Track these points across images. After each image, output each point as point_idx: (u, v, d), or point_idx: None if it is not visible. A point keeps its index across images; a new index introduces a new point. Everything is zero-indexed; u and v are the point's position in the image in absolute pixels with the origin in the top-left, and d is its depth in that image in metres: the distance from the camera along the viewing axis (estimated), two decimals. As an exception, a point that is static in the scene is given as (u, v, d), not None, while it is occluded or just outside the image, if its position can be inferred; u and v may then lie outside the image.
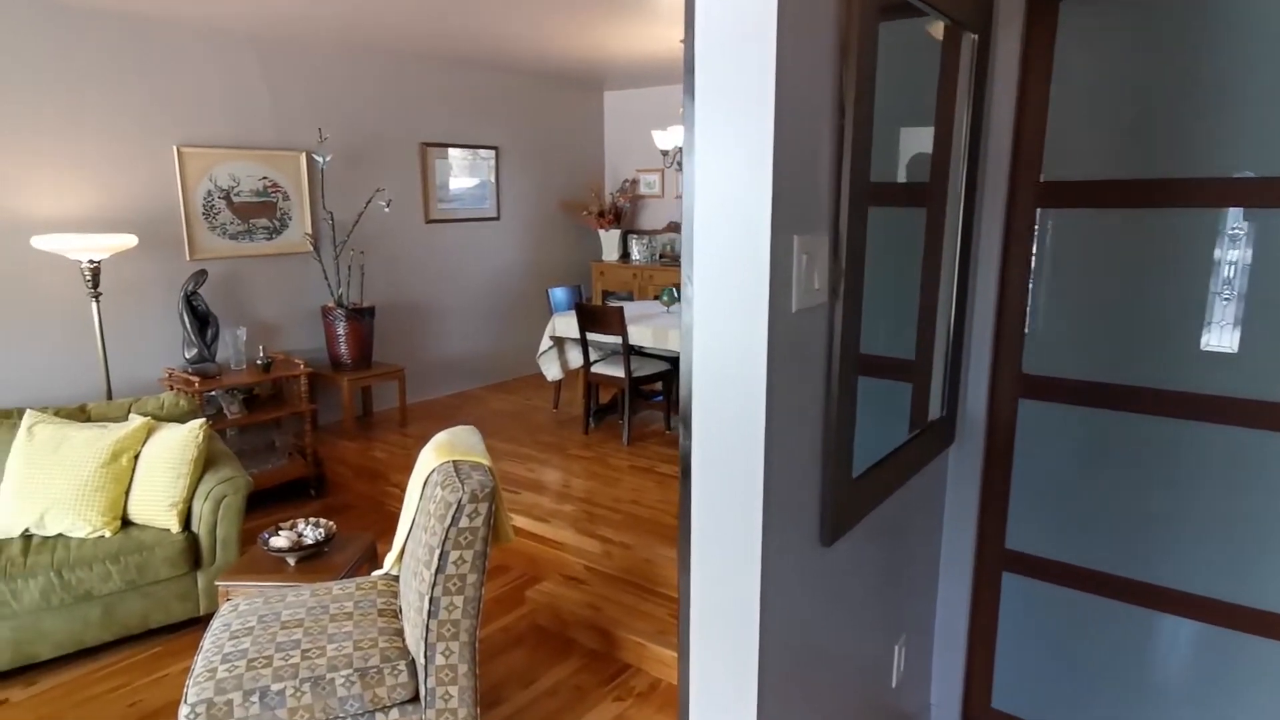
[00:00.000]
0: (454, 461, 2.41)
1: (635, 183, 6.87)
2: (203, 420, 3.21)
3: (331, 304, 4.88)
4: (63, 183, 3.83)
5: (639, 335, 4.60)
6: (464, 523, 2.19)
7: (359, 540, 3.10)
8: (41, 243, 3.51)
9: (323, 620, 2.39)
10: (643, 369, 4.75)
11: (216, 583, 2.79)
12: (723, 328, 1.23)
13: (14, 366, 3.77)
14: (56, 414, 3.30)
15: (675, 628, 2.98)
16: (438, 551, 2.18)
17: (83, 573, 2.86)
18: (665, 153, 4.80)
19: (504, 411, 5.47)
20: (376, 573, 2.72)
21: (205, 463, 3.28)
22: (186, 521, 3.14)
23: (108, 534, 3.02)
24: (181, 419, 3.48)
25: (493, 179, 6.03)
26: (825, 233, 1.29)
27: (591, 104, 6.83)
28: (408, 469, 4.30)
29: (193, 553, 3.09)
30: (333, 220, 4.90)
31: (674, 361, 4.94)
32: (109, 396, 3.83)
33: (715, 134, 1.18)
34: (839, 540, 1.43)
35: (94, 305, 3.73)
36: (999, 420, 1.94)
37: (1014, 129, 1.86)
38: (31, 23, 3.67)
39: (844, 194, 1.26)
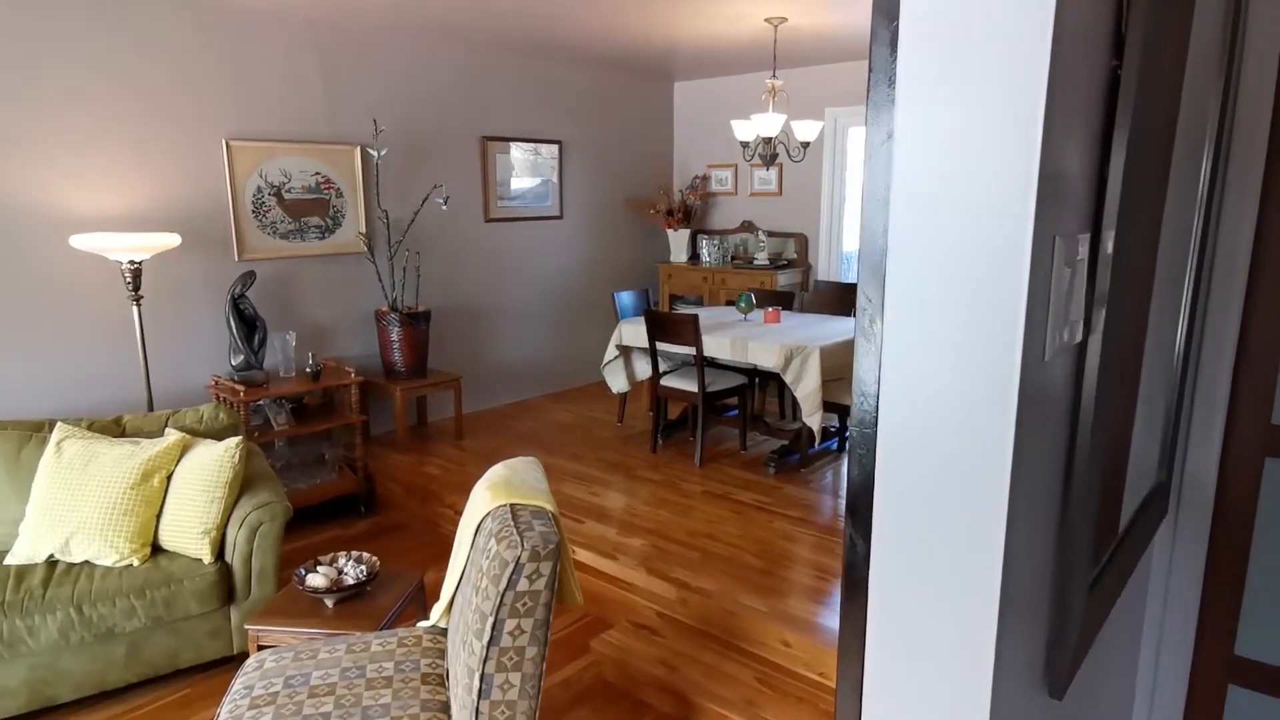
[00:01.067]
0: (512, 505, 2.03)
1: (706, 179, 6.44)
2: (239, 439, 2.91)
3: (385, 308, 4.59)
4: (104, 179, 3.61)
5: (715, 347, 4.17)
6: (523, 585, 1.80)
7: (405, 579, 2.76)
8: (80, 242, 3.28)
9: (358, 687, 2.04)
10: (718, 383, 4.32)
11: (246, 626, 2.48)
12: (942, 377, 0.80)
13: (51, 374, 3.56)
14: (89, 428, 3.05)
15: (766, 697, 2.54)
16: (491, 620, 1.80)
17: (105, 609, 2.58)
18: (746, 144, 4.36)
19: (565, 424, 5.10)
20: (422, 624, 2.37)
21: (242, 485, 2.99)
22: (221, 550, 2.84)
23: (136, 562, 2.74)
24: (221, 434, 3.20)
25: (556, 176, 5.68)
26: (1086, 237, 0.85)
27: (660, 95, 6.43)
28: (463, 489, 3.96)
29: (226, 586, 2.79)
30: (388, 219, 4.61)
31: (750, 374, 4.50)
32: (150, 407, 3.59)
33: (942, 95, 0.76)
34: (1070, 684, 0.99)
35: (135, 309, 3.49)
36: (1234, 486, 1.46)
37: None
38: (72, 10, 3.44)
39: (1119, 178, 0.82)
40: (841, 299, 5.23)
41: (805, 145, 4.30)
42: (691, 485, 4.03)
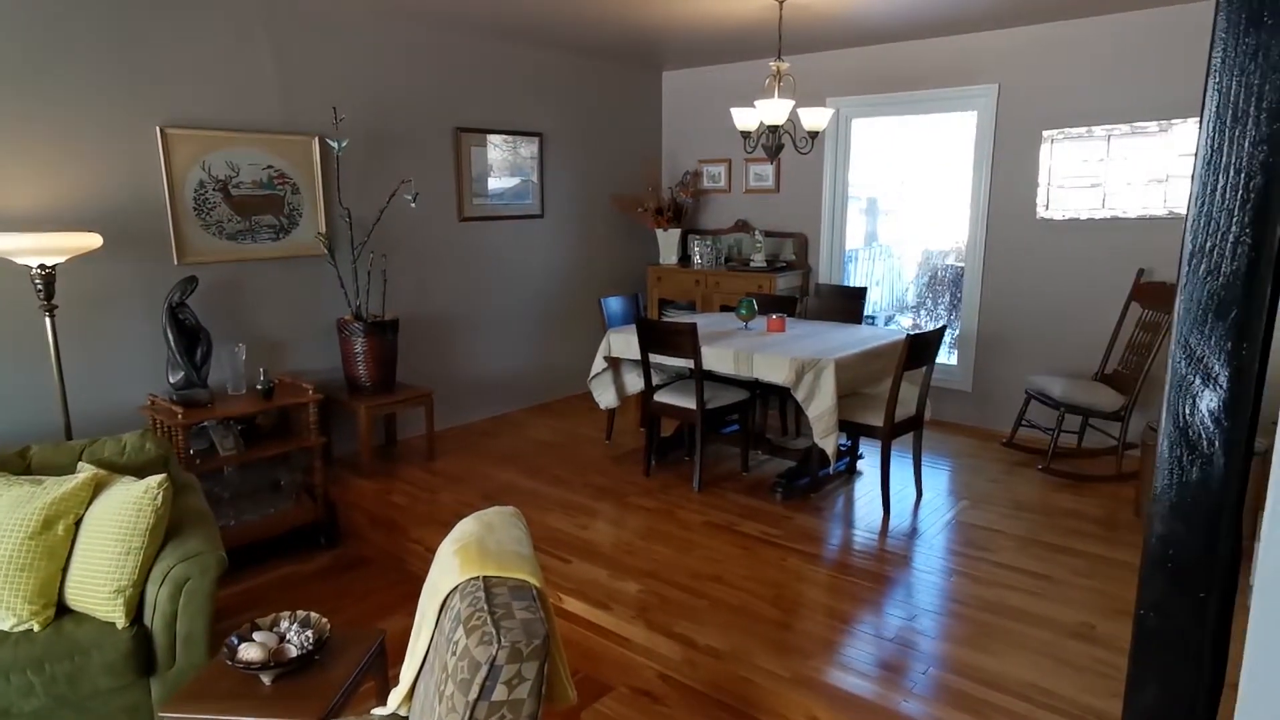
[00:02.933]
0: (485, 579, 1.60)
1: (697, 175, 6.03)
2: (161, 477, 2.45)
3: (348, 316, 4.13)
4: (17, 170, 3.13)
5: (716, 359, 3.76)
6: (499, 694, 1.38)
7: (363, 642, 2.31)
8: (-18, 243, 2.80)
9: (290, 811, 1.60)
10: (718, 399, 3.91)
11: (159, 715, 2.03)
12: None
13: (-47, 396, 3.07)
14: (-13, 462, 2.58)
15: (793, 789, 2.13)
16: (459, 741, 1.37)
17: (-9, 690, 2.12)
18: (747, 135, 3.96)
19: (548, 442, 4.66)
20: (378, 712, 1.93)
21: (169, 531, 2.52)
22: (139, 612, 2.38)
23: (36, 627, 2.28)
24: (148, 468, 2.74)
25: (536, 171, 5.25)
26: None
27: (648, 85, 6.01)
28: (433, 521, 3.53)
29: (144, 655, 2.34)
30: (350, 218, 4.15)
31: (752, 387, 4.09)
32: (67, 434, 3.11)
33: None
34: None
35: (47, 320, 3.01)
36: None
37: None
38: (-24, -29, 2.96)
39: None
40: (847, 304, 4.84)
41: (813, 135, 3.90)
42: (691, 514, 3.61)
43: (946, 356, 5.28)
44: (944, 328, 3.75)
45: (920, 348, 3.51)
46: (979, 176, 4.79)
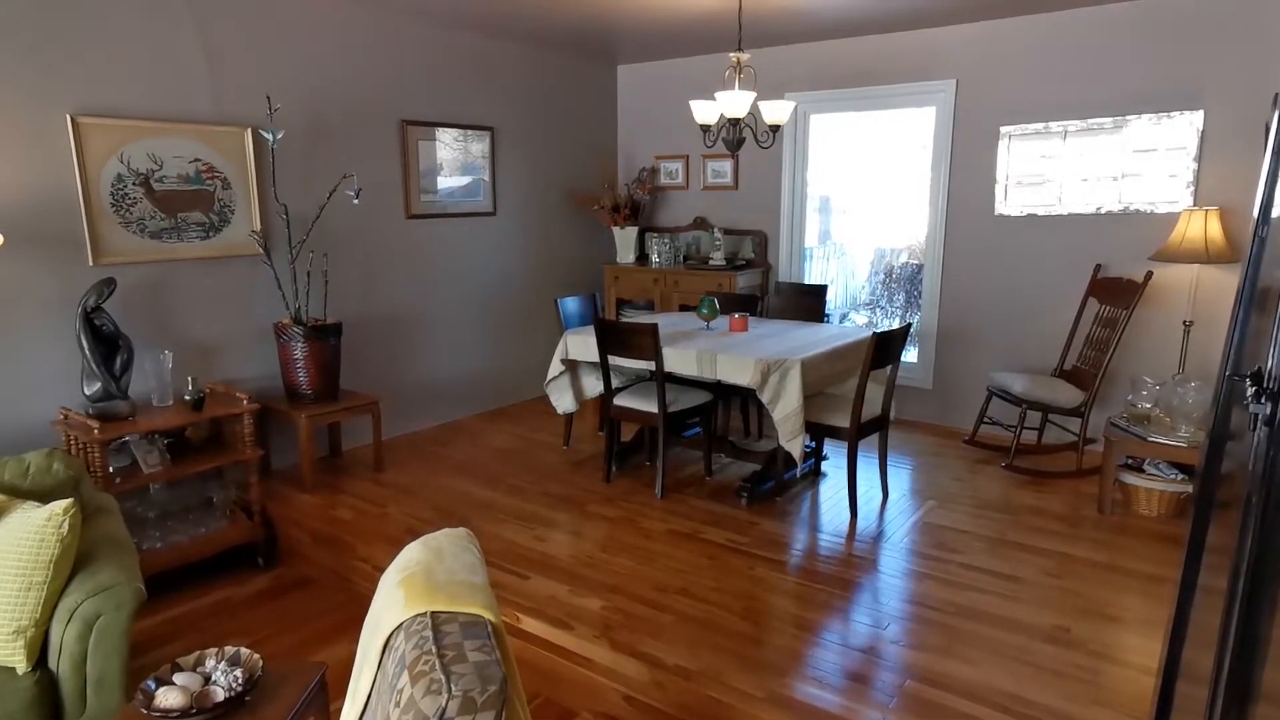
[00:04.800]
0: (433, 615, 1.42)
1: (654, 172, 5.89)
2: (68, 501, 2.20)
3: (287, 320, 3.88)
4: (-97, 161, 2.82)
5: (679, 361, 3.61)
6: (451, 752, 1.20)
7: (299, 679, 2.10)
8: None
9: None
10: (680, 401, 3.77)
11: (65, 774, 1.79)
12: None
13: None
14: None
15: (772, 822, 2.00)
16: (403, 810, 1.19)
17: None
18: (706, 129, 3.82)
19: (503, 449, 4.47)
20: (315, 762, 1.73)
21: (77, 561, 2.27)
22: (43, 654, 2.13)
23: (-78, 676, 2.02)
24: (55, 491, 2.48)
25: (488, 167, 5.04)
26: None
27: (603, 78, 5.84)
28: (381, 537, 3.31)
29: (49, 702, 2.09)
30: (287, 215, 3.89)
31: (714, 389, 3.96)
32: (-33, 453, 2.82)
33: None
34: None
35: (-57, 329, 2.72)
36: None
37: None
38: None
39: None
40: (808, 302, 4.75)
41: (774, 129, 3.78)
42: (653, 523, 3.46)
43: (907, 354, 5.24)
44: (909, 326, 3.67)
45: (886, 346, 3.42)
46: (938, 172, 4.75)
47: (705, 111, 3.81)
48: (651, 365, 3.59)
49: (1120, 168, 4.19)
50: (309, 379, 3.85)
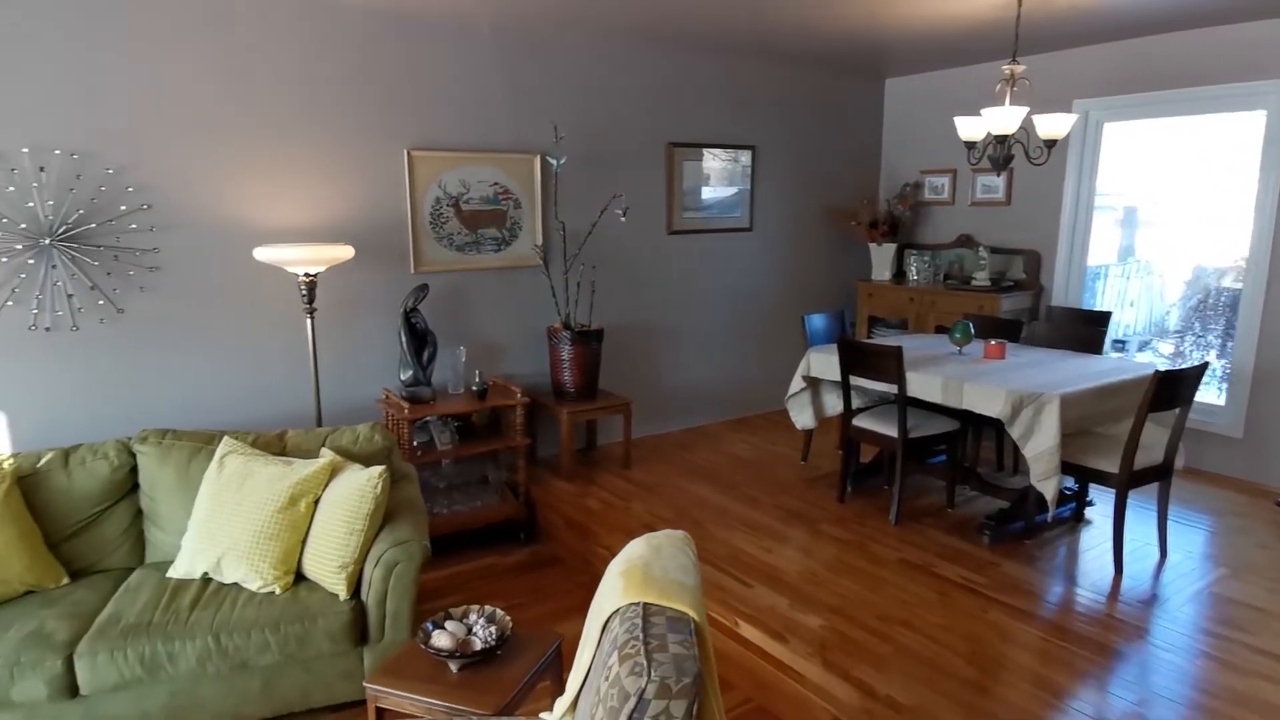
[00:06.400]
0: (645, 606, 1.60)
1: (918, 187, 5.68)
2: (381, 469, 2.73)
3: (558, 325, 4.36)
4: (288, 191, 3.64)
5: (922, 386, 3.50)
6: (647, 728, 1.36)
7: (540, 644, 2.42)
8: (262, 254, 3.29)
9: (457, 800, 1.71)
10: (923, 427, 3.65)
11: (365, 684, 2.25)
12: None
13: (229, 384, 3.63)
14: (253, 443, 3.02)
15: None
16: (604, 769, 1.37)
17: (240, 640, 2.47)
18: (972, 145, 3.65)
19: (743, 458, 4.61)
20: (546, 717, 2.00)
21: (386, 516, 2.81)
22: (358, 587, 2.67)
23: (278, 590, 2.64)
24: (375, 457, 3.07)
25: (747, 184, 5.22)
26: None
27: (869, 93, 5.76)
28: (622, 530, 3.62)
29: (359, 626, 2.61)
30: (564, 231, 4.38)
31: (964, 417, 3.76)
32: (318, 421, 3.57)
33: None
34: None
35: (308, 321, 3.47)
36: None
37: None
38: (269, 23, 3.49)
39: None
40: (1084, 330, 4.30)
41: (1049, 144, 3.51)
42: (885, 549, 3.40)
43: (1213, 395, 4.53)
44: (1204, 365, 3.21)
45: (1171, 387, 3.03)
46: (1266, 183, 4.06)
47: (971, 128, 3.64)
48: (894, 388, 3.52)
49: None
50: (572, 378, 4.30)
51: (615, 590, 1.69)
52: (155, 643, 2.40)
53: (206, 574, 2.71)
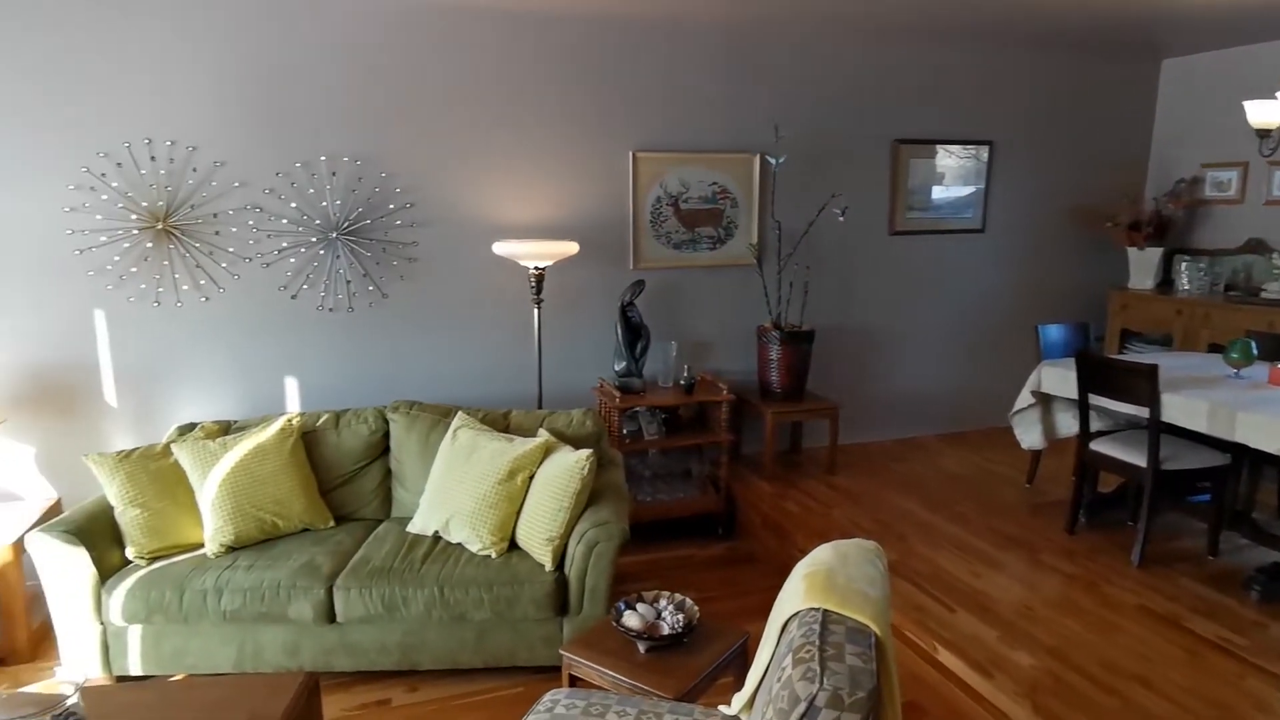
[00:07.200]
0: (825, 612, 1.57)
1: (1196, 183, 4.94)
2: (588, 452, 2.91)
3: (768, 324, 4.35)
4: (523, 191, 3.97)
5: (1183, 411, 3.07)
6: (816, 736, 1.35)
7: (726, 638, 2.46)
8: (499, 248, 3.63)
9: (633, 772, 1.79)
10: (1180, 459, 3.19)
11: (560, 651, 2.42)
12: None
13: (467, 364, 4.03)
14: (482, 419, 3.35)
15: None
16: (769, 769, 1.38)
17: (459, 594, 2.76)
18: (1265, 134, 3.11)
19: (956, 475, 4.32)
20: (723, 709, 2.03)
21: (591, 497, 2.99)
22: (561, 560, 2.87)
23: (494, 555, 2.91)
24: (585, 440, 3.27)
25: (981, 182, 4.85)
26: None
27: (1138, 77, 5.10)
28: (819, 535, 3.55)
29: (561, 597, 2.81)
30: (780, 230, 4.36)
31: (1237, 450, 3.24)
32: (539, 404, 3.87)
33: None
34: None
35: (535, 311, 3.77)
36: None
37: None
38: (504, 32, 3.82)
39: None
40: None
41: (1374, 132, 2.91)
42: (1122, 592, 3.02)
43: None
44: None
45: None
46: None
47: (1265, 112, 3.11)
48: (1145, 411, 3.11)
49: None
50: (779, 379, 4.27)
51: (797, 593, 1.68)
52: (394, 586, 2.75)
53: (437, 532, 3.06)
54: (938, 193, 4.78)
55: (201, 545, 2.97)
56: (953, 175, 4.79)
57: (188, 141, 3.46)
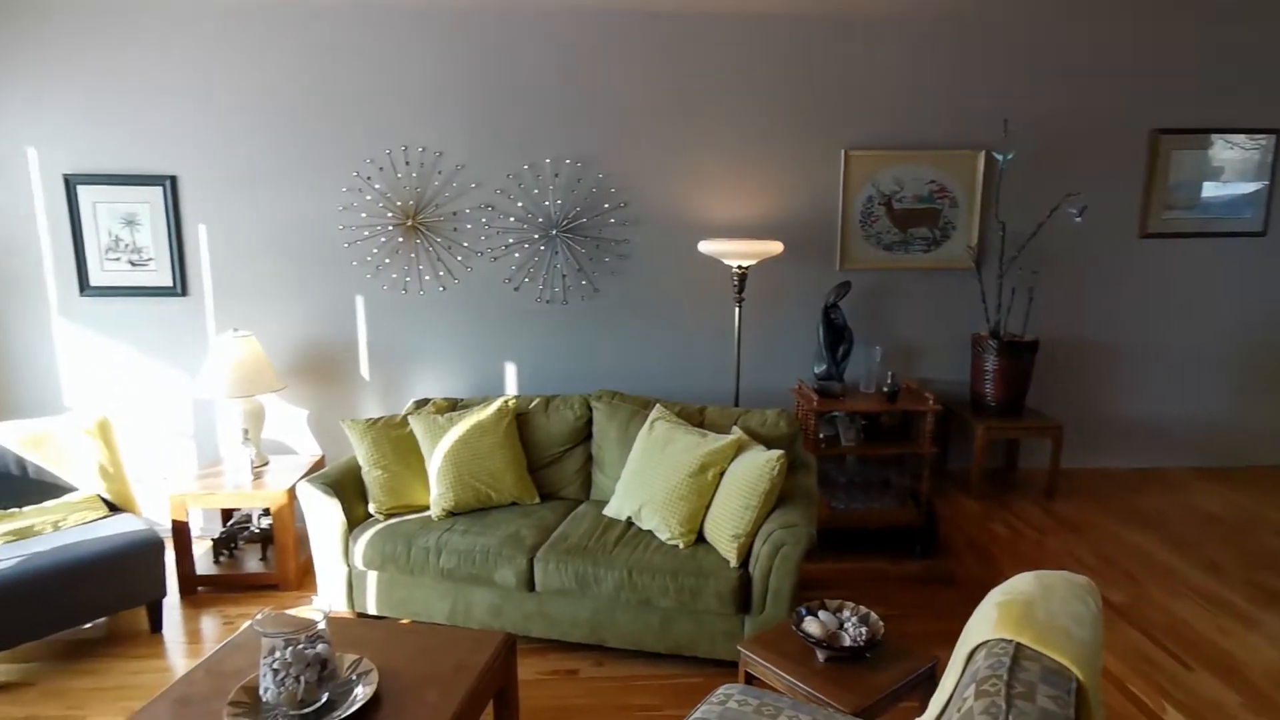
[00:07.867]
0: (1018, 646, 1.47)
1: None
2: (779, 453, 2.90)
3: (984, 333, 4.06)
4: (731, 190, 4.00)
5: None
6: (996, 775, 1.27)
7: (912, 660, 2.35)
8: (705, 247, 3.70)
9: (801, 778, 1.78)
10: None
11: (739, 647, 2.44)
12: None
13: (667, 358, 4.15)
14: (679, 413, 3.45)
15: None
16: (941, 800, 1.32)
17: (646, 580, 2.87)
18: None
19: (1212, 515, 3.77)
20: (903, 732, 1.96)
21: (780, 498, 2.98)
22: (747, 558, 2.89)
23: (681, 545, 2.99)
24: (778, 441, 3.27)
25: (1266, 178, 4.17)
26: None
27: None
28: (1029, 564, 3.26)
29: (743, 594, 2.83)
30: (1004, 232, 4.04)
31: None
32: (736, 401, 3.90)
33: None
34: None
35: (737, 309, 3.80)
36: None
37: None
38: (716, 35, 3.86)
39: None
40: None
41: None
42: None
43: None
44: None
45: None
46: None
47: None
48: None
49: None
50: (994, 392, 3.97)
51: (988, 621, 1.59)
52: (587, 564, 2.93)
53: (630, 518, 3.20)
54: (1210, 189, 4.18)
55: (428, 508, 3.34)
56: (1228, 168, 4.17)
57: (436, 148, 3.89)
